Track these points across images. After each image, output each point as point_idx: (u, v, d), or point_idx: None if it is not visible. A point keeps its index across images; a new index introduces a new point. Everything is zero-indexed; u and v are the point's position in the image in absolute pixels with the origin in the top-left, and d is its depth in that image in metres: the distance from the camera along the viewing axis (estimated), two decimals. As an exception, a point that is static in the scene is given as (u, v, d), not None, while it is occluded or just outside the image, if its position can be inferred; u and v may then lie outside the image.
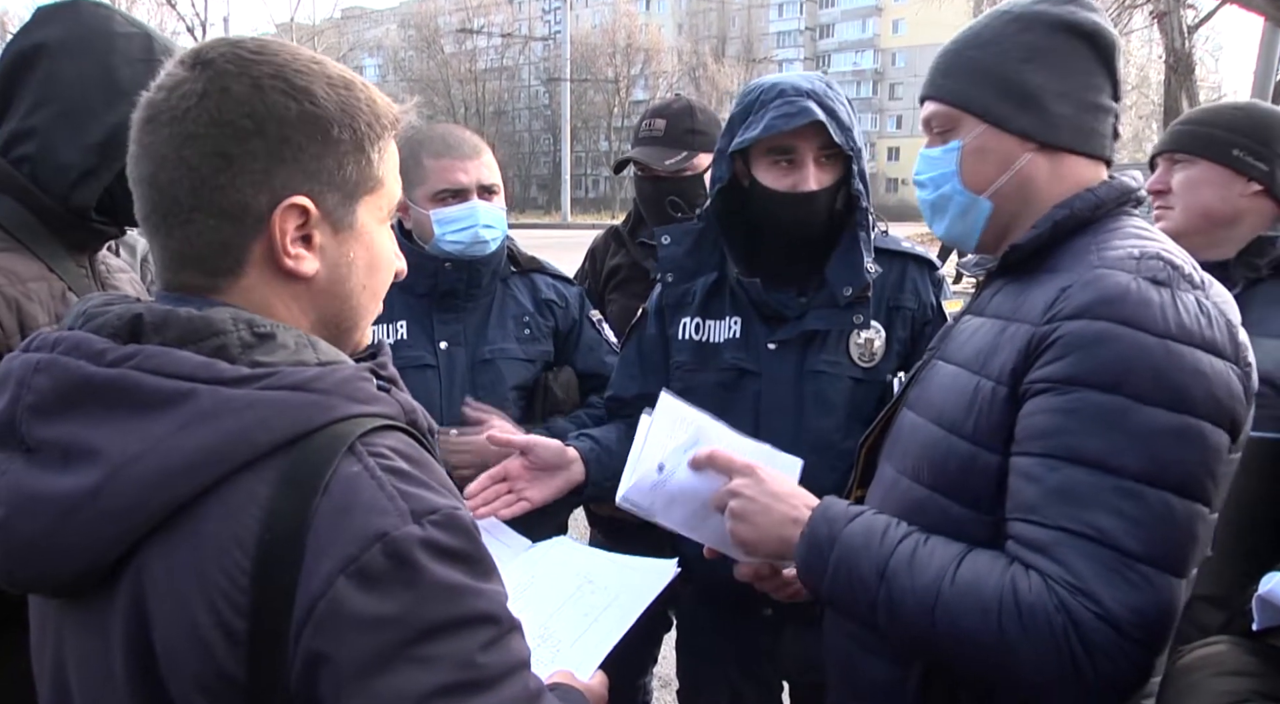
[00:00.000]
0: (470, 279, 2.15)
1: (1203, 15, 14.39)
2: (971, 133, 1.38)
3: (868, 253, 1.90)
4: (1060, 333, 1.18)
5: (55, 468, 0.83)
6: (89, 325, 0.89)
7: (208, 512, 0.81)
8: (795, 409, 1.95)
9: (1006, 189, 1.37)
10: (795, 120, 1.81)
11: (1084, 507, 1.13)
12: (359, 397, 0.88)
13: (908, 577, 1.23)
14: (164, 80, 0.91)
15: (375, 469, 0.84)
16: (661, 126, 2.58)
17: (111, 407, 0.83)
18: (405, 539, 0.81)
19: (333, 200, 0.93)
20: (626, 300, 2.64)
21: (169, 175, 0.89)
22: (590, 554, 1.90)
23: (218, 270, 0.92)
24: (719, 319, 2.04)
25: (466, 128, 2.31)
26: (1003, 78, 1.35)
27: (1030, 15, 1.36)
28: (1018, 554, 1.18)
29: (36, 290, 1.48)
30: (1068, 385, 1.16)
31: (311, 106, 0.91)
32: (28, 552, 0.84)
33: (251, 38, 0.94)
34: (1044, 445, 1.17)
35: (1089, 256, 1.24)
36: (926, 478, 1.34)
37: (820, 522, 1.36)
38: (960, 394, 1.31)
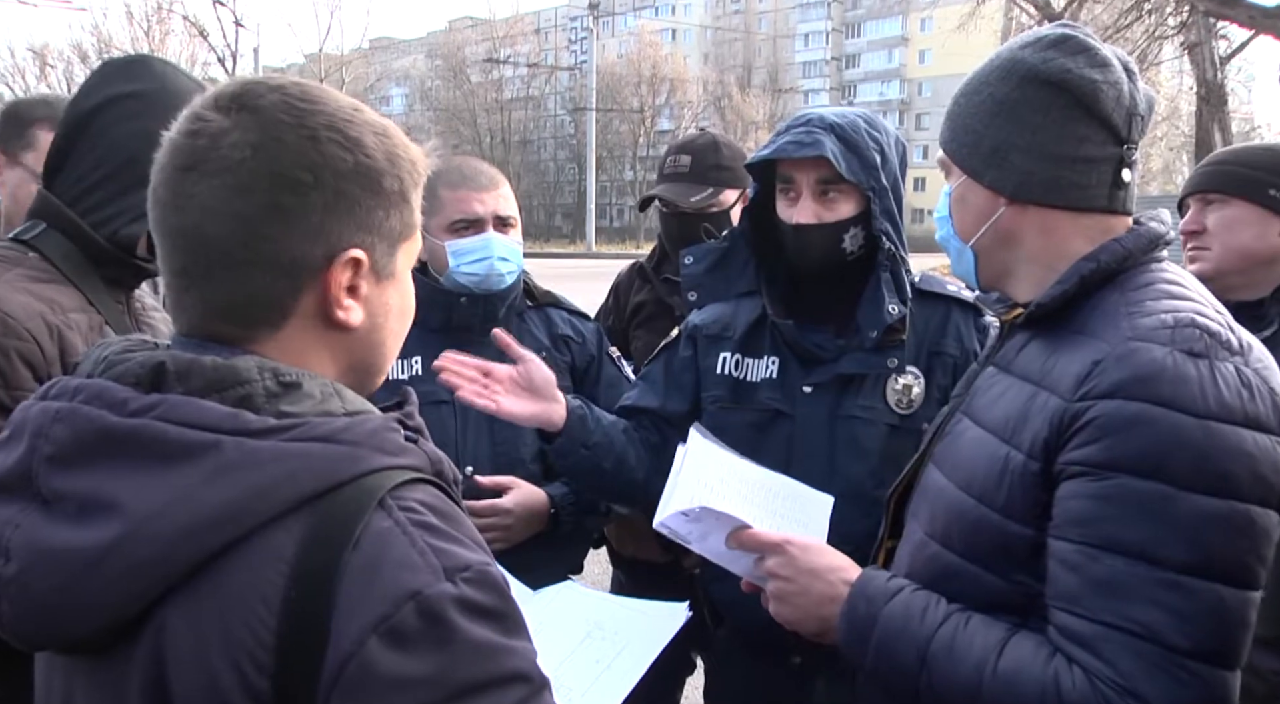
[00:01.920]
0: (486, 313, 2.11)
1: (1235, 46, 14.31)
2: (957, 181, 1.37)
3: (889, 294, 1.86)
4: (1095, 413, 1.14)
5: (73, 521, 0.81)
6: (109, 373, 0.86)
7: (232, 567, 0.79)
8: (828, 454, 1.90)
9: (986, 240, 1.35)
10: (801, 150, 1.80)
11: (1128, 600, 1.10)
12: (388, 448, 0.86)
13: (949, 664, 1.21)
14: (199, 126, 0.87)
15: (406, 524, 0.82)
16: (687, 162, 2.55)
17: (134, 458, 0.81)
18: (438, 598, 0.79)
19: (380, 250, 0.93)
20: (651, 337, 2.60)
21: (219, 228, 0.86)
22: (597, 599, 1.87)
23: (258, 322, 0.90)
24: (758, 357, 2.00)
25: (489, 158, 2.29)
26: (974, 130, 1.33)
27: (1009, 64, 1.32)
28: (1060, 646, 1.15)
29: (77, 321, 1.52)
30: (1105, 470, 1.12)
31: (365, 158, 0.90)
32: (42, 608, 0.81)
33: (293, 82, 0.92)
34: (1083, 533, 1.14)
35: (1120, 322, 1.19)
36: (957, 545, 1.31)
37: (860, 599, 1.33)
38: (990, 463, 1.26)
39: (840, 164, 1.78)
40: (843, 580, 1.38)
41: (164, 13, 43.23)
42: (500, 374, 1.88)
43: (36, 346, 1.45)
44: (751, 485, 1.67)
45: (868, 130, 1.85)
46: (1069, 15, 17.12)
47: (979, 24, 20.68)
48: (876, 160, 1.83)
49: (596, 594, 1.88)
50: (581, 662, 1.59)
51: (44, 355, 1.46)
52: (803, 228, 1.84)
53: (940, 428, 1.47)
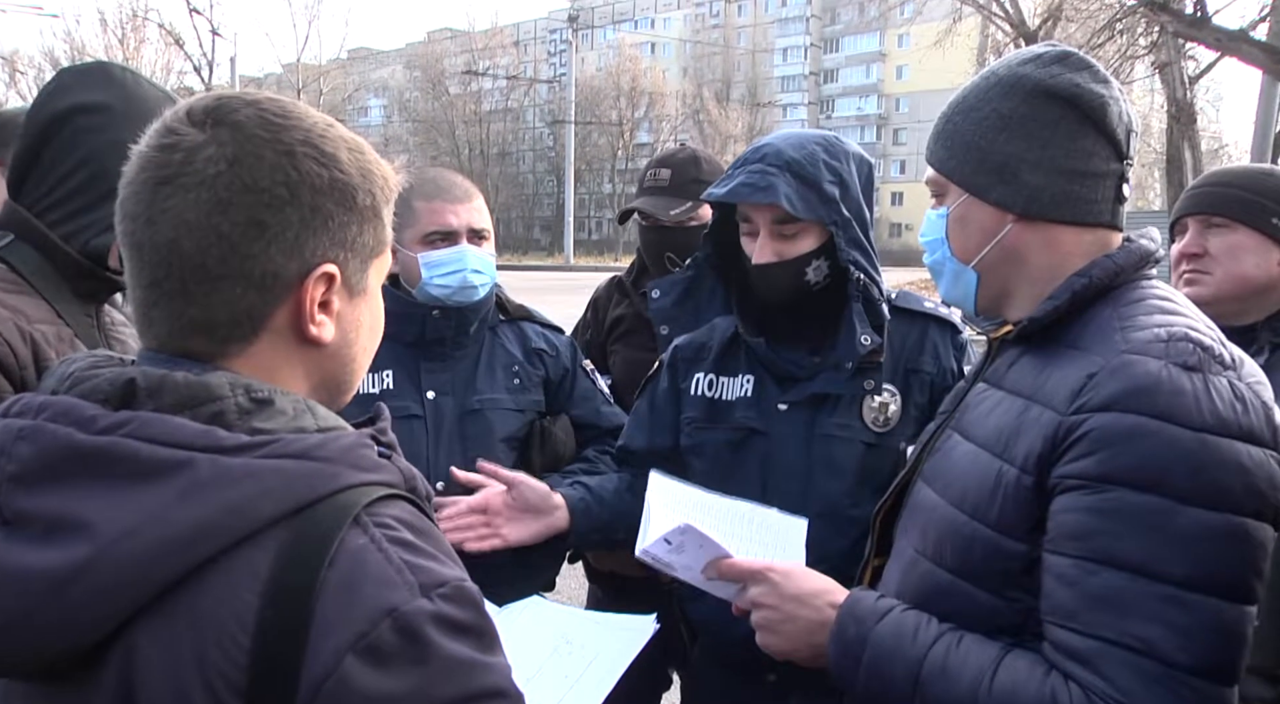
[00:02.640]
0: (459, 327, 2.09)
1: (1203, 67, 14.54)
2: (956, 201, 1.35)
3: (861, 325, 1.84)
4: (1090, 426, 1.13)
5: (38, 542, 0.78)
6: (76, 390, 0.85)
7: (204, 587, 0.78)
8: (804, 472, 1.88)
9: (991, 259, 1.32)
10: (755, 195, 1.77)
11: (1126, 615, 1.08)
12: (362, 465, 0.86)
13: (943, 684, 1.19)
14: (173, 140, 0.87)
15: (382, 541, 0.81)
16: (666, 176, 2.56)
17: (102, 476, 0.79)
18: (415, 614, 0.78)
19: (353, 266, 0.93)
20: (630, 352, 2.62)
21: (194, 243, 0.85)
22: (565, 613, 1.85)
23: (230, 337, 0.89)
24: (733, 376, 1.98)
25: (467, 170, 2.29)
26: (979, 147, 1.31)
27: (1011, 80, 1.30)
28: (1056, 662, 1.13)
29: (45, 333, 1.50)
30: (1101, 483, 1.11)
31: (340, 174, 0.90)
32: (7, 633, 0.78)
33: (267, 97, 0.92)
34: (1079, 547, 1.12)
35: (1113, 335, 1.19)
36: (949, 562, 1.28)
37: (849, 620, 1.31)
38: (982, 478, 1.25)
39: (795, 206, 1.76)
40: (829, 604, 1.36)
41: (139, 20, 42.98)
42: (495, 504, 1.89)
43: (9, 350, 1.44)
44: (723, 516, 1.65)
45: (826, 161, 1.82)
46: (1043, 34, 17.36)
47: (955, 41, 20.93)
48: (835, 193, 1.81)
49: (564, 608, 1.87)
50: (550, 676, 1.57)
51: (17, 359, 1.44)
52: (763, 267, 1.83)
53: (928, 445, 1.45)
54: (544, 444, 2.18)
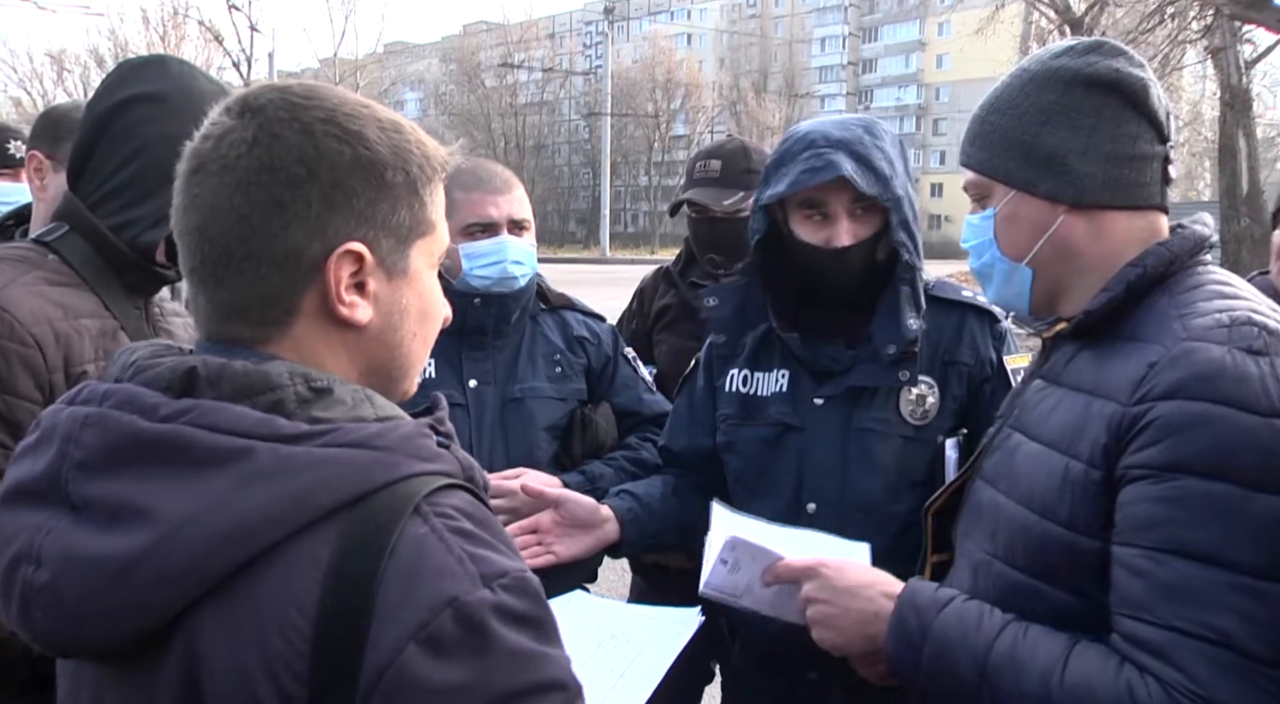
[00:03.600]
0: (500, 316, 2.09)
1: (1261, 50, 14.19)
2: (1003, 200, 1.34)
3: (910, 309, 1.80)
4: (1154, 415, 1.12)
5: (104, 527, 0.80)
6: (139, 378, 0.86)
7: (265, 574, 0.79)
8: (840, 468, 1.85)
9: (1044, 254, 1.31)
10: (820, 175, 1.73)
11: (1200, 605, 1.06)
12: (421, 454, 0.86)
13: (1011, 676, 1.17)
14: (210, 129, 0.90)
15: (442, 531, 0.82)
16: (717, 167, 2.54)
17: (165, 464, 0.80)
18: (477, 605, 0.79)
19: (387, 246, 0.92)
20: (676, 340, 2.62)
21: (219, 225, 0.87)
22: (608, 607, 1.82)
23: (266, 321, 0.89)
24: (767, 371, 1.95)
25: (503, 163, 2.28)
26: (1022, 142, 1.30)
27: (1047, 73, 1.31)
28: (1129, 655, 1.11)
29: (88, 326, 1.51)
30: (1169, 472, 1.10)
31: (365, 151, 0.89)
32: (74, 615, 0.80)
33: (299, 83, 0.93)
34: (1149, 537, 1.11)
35: (1172, 323, 1.18)
36: (1022, 562, 1.27)
37: (909, 611, 1.30)
38: (1050, 476, 1.24)
39: (859, 181, 1.73)
40: (883, 594, 1.35)
41: (179, 18, 43.63)
42: (546, 523, 1.87)
43: (39, 353, 1.43)
44: (786, 541, 1.63)
45: (872, 141, 1.79)
46: (1090, 19, 17.03)
47: (998, 28, 20.63)
48: (887, 171, 1.78)
49: (608, 602, 1.85)
50: (596, 671, 1.54)
51: (46, 363, 1.44)
52: (847, 249, 1.78)
53: (986, 445, 1.44)
54: (585, 433, 2.18)
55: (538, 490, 1.87)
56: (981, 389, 1.86)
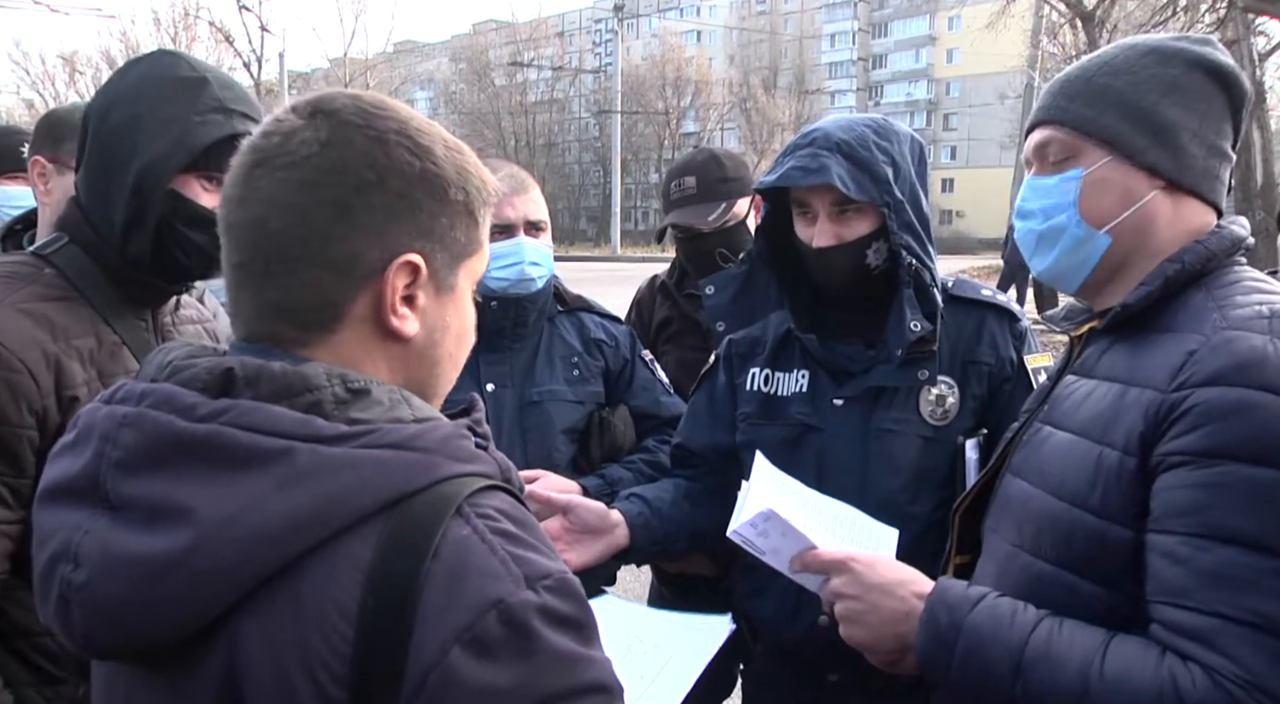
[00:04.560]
0: (517, 318, 2.09)
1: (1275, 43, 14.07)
2: (1096, 163, 1.30)
3: (912, 311, 1.79)
4: (1194, 401, 1.12)
5: (143, 527, 0.80)
6: (176, 378, 0.86)
7: (307, 576, 0.79)
8: (860, 469, 1.85)
9: (1126, 226, 1.29)
10: (809, 177, 1.74)
11: (1244, 591, 1.05)
12: (461, 455, 0.86)
13: (1048, 669, 1.15)
14: (274, 126, 0.90)
15: (485, 532, 0.82)
16: (693, 184, 2.52)
17: (205, 464, 0.80)
18: (522, 606, 0.79)
19: (441, 260, 0.92)
20: (681, 352, 2.62)
21: (281, 221, 0.86)
22: (637, 612, 1.81)
23: (312, 324, 0.89)
24: (788, 371, 1.96)
25: (513, 162, 2.27)
26: (1139, 108, 1.28)
27: (1169, 50, 1.30)
28: (1171, 643, 1.10)
29: (80, 346, 1.46)
30: (1209, 458, 1.09)
31: (432, 166, 0.91)
32: (112, 616, 0.80)
33: (370, 93, 0.94)
34: (1189, 524, 1.10)
35: (1210, 316, 1.19)
36: (1049, 552, 1.26)
37: (940, 609, 1.29)
38: (1081, 464, 1.23)
39: (849, 186, 1.73)
40: (914, 594, 1.34)
41: (190, 19, 43.75)
42: (555, 530, 1.84)
43: (31, 379, 1.39)
44: (819, 511, 1.62)
45: (876, 142, 1.79)
46: (1101, 12, 16.92)
47: (1008, 23, 20.51)
48: (888, 173, 1.77)
49: (636, 607, 1.83)
50: (626, 676, 1.52)
51: (39, 388, 1.39)
52: (824, 250, 1.80)
53: (1013, 440, 1.43)
54: (603, 435, 2.18)
55: (545, 498, 1.85)
56: (1002, 388, 1.85)
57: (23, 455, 1.38)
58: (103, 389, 1.45)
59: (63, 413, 1.41)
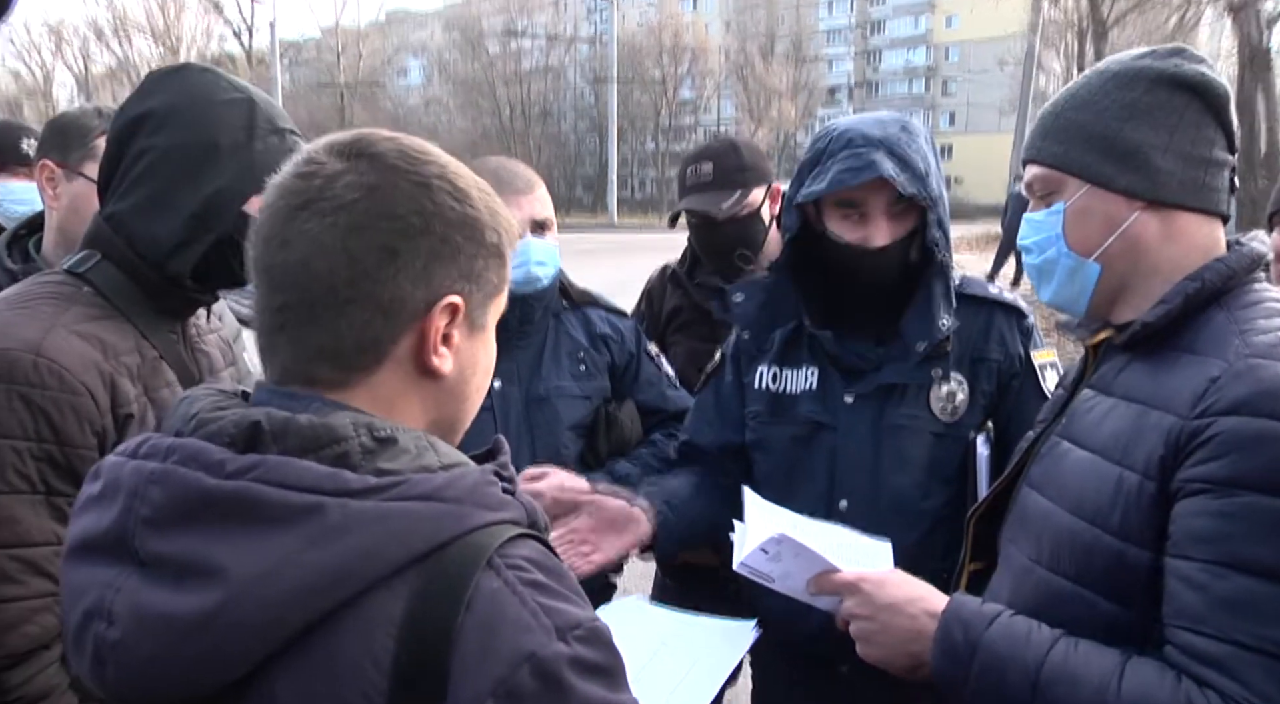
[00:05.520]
0: (523, 315, 2.07)
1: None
2: (1075, 195, 1.33)
3: (943, 306, 1.82)
4: (1216, 430, 1.12)
5: (173, 585, 0.81)
6: (201, 432, 0.86)
7: (338, 630, 0.79)
8: (873, 466, 1.86)
9: (1114, 250, 1.31)
10: (861, 175, 1.72)
11: (1261, 620, 1.07)
12: (489, 503, 0.87)
13: (1065, 689, 1.16)
14: (312, 168, 0.90)
15: (516, 584, 0.83)
16: (709, 170, 2.44)
17: (234, 521, 0.81)
18: (554, 659, 0.80)
19: (476, 301, 0.95)
20: (691, 342, 2.59)
21: (325, 264, 0.87)
22: (662, 616, 1.79)
23: (355, 365, 0.90)
24: (796, 368, 1.95)
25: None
26: (1102, 136, 1.31)
27: (1130, 72, 1.31)
28: (1186, 667, 1.11)
29: (129, 365, 1.49)
30: (1230, 488, 1.10)
31: (471, 210, 0.93)
32: (145, 673, 0.81)
33: (407, 137, 0.95)
34: (1208, 551, 1.11)
35: (1233, 339, 1.19)
36: (1068, 569, 1.27)
37: (955, 626, 1.30)
38: (1101, 484, 1.24)
39: (899, 181, 1.72)
40: (925, 611, 1.35)
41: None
42: (582, 529, 1.84)
43: (91, 401, 1.41)
44: (816, 535, 1.62)
45: (908, 140, 1.78)
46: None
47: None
48: (923, 169, 1.77)
49: (661, 610, 1.83)
50: (651, 681, 1.52)
51: (98, 407, 1.42)
52: (884, 249, 1.78)
53: (1030, 451, 1.44)
54: (610, 431, 2.17)
55: (570, 498, 1.84)
56: (1010, 385, 1.87)
57: (84, 475, 1.38)
58: (149, 404, 1.46)
59: (118, 430, 1.44)
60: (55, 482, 1.39)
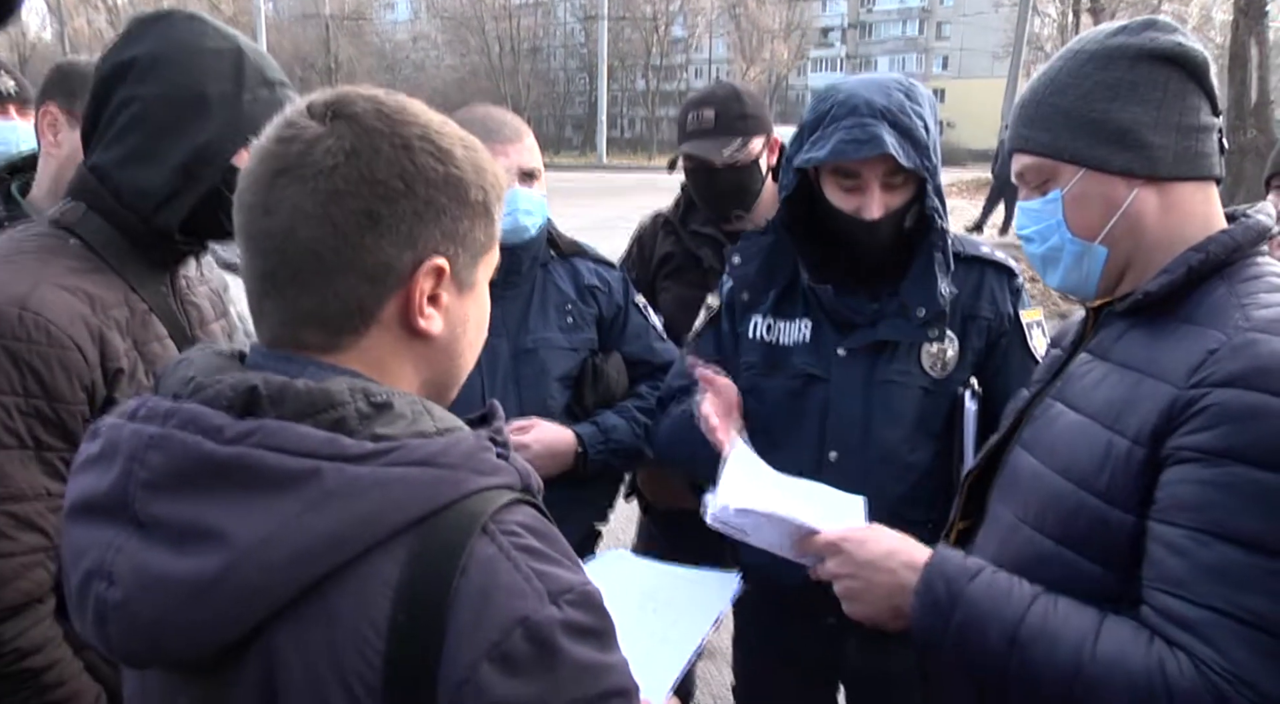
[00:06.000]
0: (510, 266, 2.04)
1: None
2: (1071, 180, 1.33)
3: (943, 275, 1.83)
4: (1211, 401, 1.13)
5: (174, 547, 0.82)
6: (199, 396, 0.86)
7: (337, 592, 0.81)
8: (863, 419, 1.89)
9: (1117, 230, 1.32)
10: (863, 149, 1.72)
11: (1240, 588, 1.08)
12: (484, 469, 0.88)
13: (1043, 646, 1.19)
14: (291, 131, 0.89)
15: (510, 549, 0.84)
16: (711, 117, 2.45)
17: (234, 486, 0.82)
18: (546, 623, 0.82)
19: (462, 261, 0.95)
20: (681, 289, 2.59)
21: (310, 232, 0.87)
22: (649, 569, 1.82)
23: (343, 329, 0.91)
24: (790, 320, 1.97)
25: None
26: (1091, 120, 1.30)
27: (1108, 51, 1.31)
28: (1161, 629, 1.13)
29: (118, 318, 1.47)
30: (1220, 458, 1.11)
31: (454, 169, 0.92)
32: (147, 633, 0.82)
33: (386, 93, 0.94)
34: (1193, 519, 1.12)
35: (1233, 312, 1.19)
36: (1052, 530, 1.29)
37: (938, 580, 1.31)
38: (1091, 448, 1.25)
39: (900, 156, 1.72)
40: (904, 564, 1.37)
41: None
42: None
43: (80, 355, 1.40)
44: (789, 492, 1.66)
45: (912, 107, 1.77)
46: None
47: (1007, -72, 19.90)
48: (925, 138, 1.77)
49: (647, 563, 1.86)
50: (637, 635, 1.55)
51: (87, 362, 1.40)
52: (877, 221, 1.79)
53: (1025, 412, 1.45)
54: (596, 382, 2.17)
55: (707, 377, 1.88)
56: (998, 342, 1.90)
57: (76, 431, 1.39)
58: (139, 358, 1.45)
59: (108, 385, 1.43)
60: (45, 436, 1.38)
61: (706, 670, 3.70)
